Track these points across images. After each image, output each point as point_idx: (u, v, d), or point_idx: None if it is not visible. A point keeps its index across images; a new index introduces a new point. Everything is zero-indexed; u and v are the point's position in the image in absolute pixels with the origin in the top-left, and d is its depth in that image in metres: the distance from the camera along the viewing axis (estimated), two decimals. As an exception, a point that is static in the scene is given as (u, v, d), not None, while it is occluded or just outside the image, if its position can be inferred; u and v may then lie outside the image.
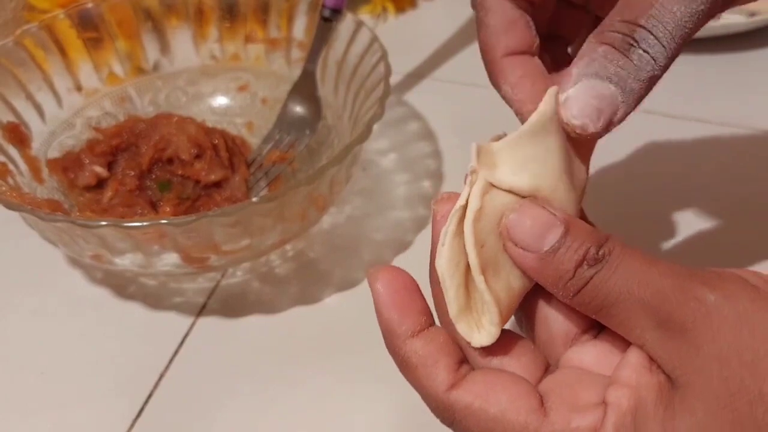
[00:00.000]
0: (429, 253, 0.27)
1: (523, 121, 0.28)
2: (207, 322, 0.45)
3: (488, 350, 0.27)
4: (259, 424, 0.40)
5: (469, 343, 0.26)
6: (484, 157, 0.26)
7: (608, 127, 0.26)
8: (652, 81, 0.26)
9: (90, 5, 0.52)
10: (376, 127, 0.43)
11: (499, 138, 0.27)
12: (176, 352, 0.43)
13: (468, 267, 0.26)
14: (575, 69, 0.26)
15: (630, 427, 0.23)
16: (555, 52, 0.33)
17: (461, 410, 0.25)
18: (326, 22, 0.51)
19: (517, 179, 0.26)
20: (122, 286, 0.47)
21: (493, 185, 0.26)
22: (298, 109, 0.52)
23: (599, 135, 0.26)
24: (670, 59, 0.26)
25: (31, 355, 0.44)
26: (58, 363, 0.43)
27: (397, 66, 0.48)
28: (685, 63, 0.61)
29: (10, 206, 0.40)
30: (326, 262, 0.48)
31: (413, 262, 0.29)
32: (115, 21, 0.53)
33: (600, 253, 0.24)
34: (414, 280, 0.27)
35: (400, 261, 0.47)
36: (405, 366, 0.26)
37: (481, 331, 0.27)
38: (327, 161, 0.41)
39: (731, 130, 0.55)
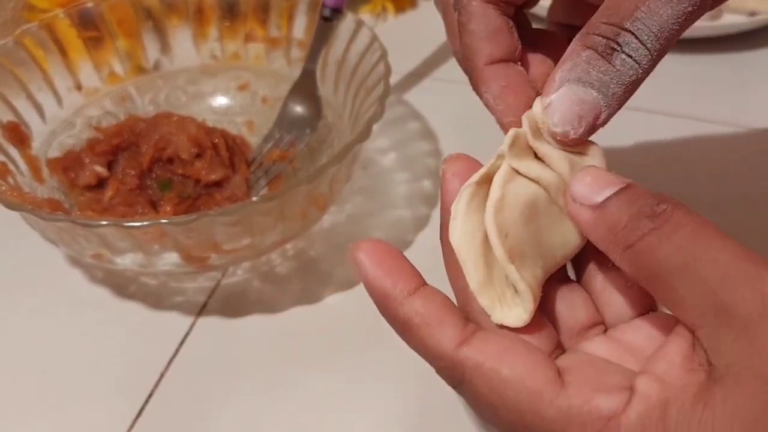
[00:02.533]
0: (429, 252, 0.27)
1: (504, 129, 0.28)
2: (207, 322, 0.45)
3: None
4: (260, 423, 0.40)
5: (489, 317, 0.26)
6: (517, 145, 0.26)
7: (590, 131, 0.26)
8: (635, 84, 0.25)
9: (90, 4, 0.52)
10: (376, 126, 0.43)
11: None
12: (177, 352, 0.43)
13: (484, 240, 0.26)
14: (558, 73, 0.26)
15: (657, 422, 0.22)
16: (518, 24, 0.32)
17: (471, 369, 0.24)
18: (326, 22, 0.51)
19: (547, 174, 0.26)
20: (123, 285, 0.47)
21: (519, 173, 0.26)
22: (299, 108, 0.52)
23: (580, 140, 0.26)
24: (655, 61, 0.25)
25: (32, 355, 0.44)
26: (59, 363, 0.43)
27: (397, 65, 0.47)
28: (685, 63, 0.62)
29: (10, 206, 0.40)
30: (327, 261, 0.48)
31: (414, 261, 0.29)
32: (116, 20, 0.53)
33: (659, 207, 0.23)
34: (396, 248, 0.26)
35: (400, 260, 0.47)
36: (407, 328, 0.25)
37: (503, 308, 0.26)
38: (327, 160, 0.41)
39: (731, 130, 0.55)
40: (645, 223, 0.23)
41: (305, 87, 0.52)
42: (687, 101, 0.58)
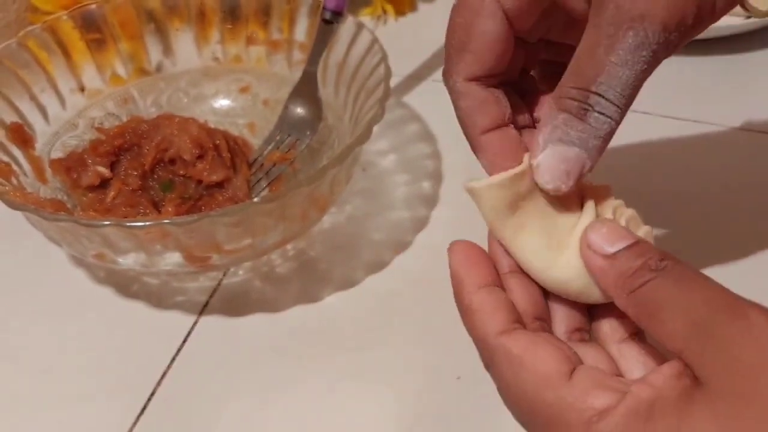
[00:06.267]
0: (428, 252, 0.28)
1: None
2: (209, 321, 0.45)
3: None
4: (261, 422, 0.40)
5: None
6: None
7: (578, 181, 0.29)
8: (610, 134, 0.28)
9: (93, 7, 0.52)
10: (376, 128, 0.43)
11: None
12: (179, 351, 0.44)
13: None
14: (541, 136, 0.29)
15: (643, 415, 0.25)
16: (523, 83, 0.35)
17: (501, 354, 0.27)
18: (327, 24, 0.51)
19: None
20: (125, 285, 0.48)
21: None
22: (299, 110, 0.53)
23: (571, 190, 0.29)
24: (624, 111, 0.28)
25: (34, 354, 0.44)
26: (61, 362, 0.44)
27: (397, 68, 0.48)
28: (683, 64, 0.62)
29: (13, 206, 0.40)
30: (327, 262, 0.48)
31: (413, 261, 0.29)
32: (118, 22, 0.53)
33: (662, 263, 0.26)
34: (484, 251, 0.30)
35: (399, 261, 0.48)
36: (466, 311, 0.29)
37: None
38: (327, 162, 0.41)
39: (730, 131, 0.55)
40: (649, 273, 0.26)
41: (306, 89, 0.53)
42: (685, 102, 0.58)
